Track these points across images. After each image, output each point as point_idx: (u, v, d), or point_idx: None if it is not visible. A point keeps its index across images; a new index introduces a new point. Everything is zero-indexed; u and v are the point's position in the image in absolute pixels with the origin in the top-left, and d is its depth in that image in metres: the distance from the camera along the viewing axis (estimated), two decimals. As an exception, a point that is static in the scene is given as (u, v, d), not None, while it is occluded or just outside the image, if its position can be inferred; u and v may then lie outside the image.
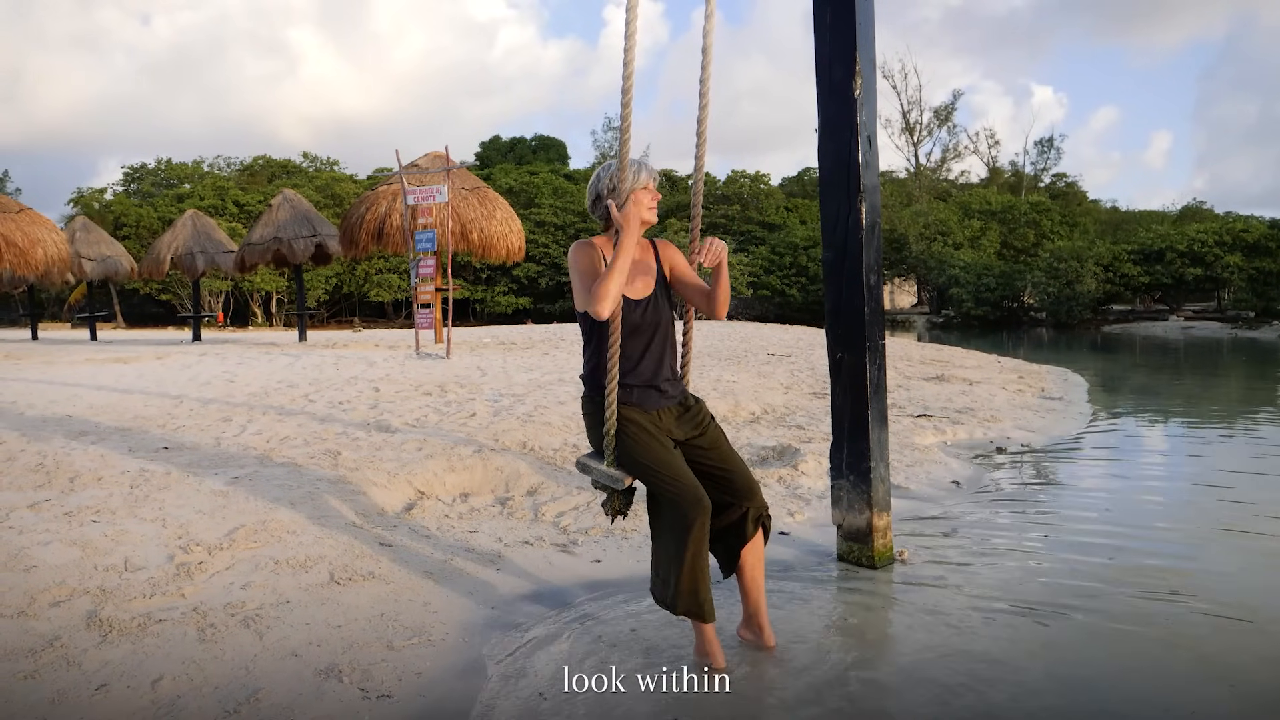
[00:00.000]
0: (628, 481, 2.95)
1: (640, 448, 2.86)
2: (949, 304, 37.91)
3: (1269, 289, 31.86)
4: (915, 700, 2.66)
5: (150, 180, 52.09)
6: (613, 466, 2.96)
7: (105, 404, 7.56)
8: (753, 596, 3.02)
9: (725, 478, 2.95)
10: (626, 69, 2.85)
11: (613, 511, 3.08)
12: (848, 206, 3.82)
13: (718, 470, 2.96)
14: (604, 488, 3.04)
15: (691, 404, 3.04)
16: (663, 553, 2.84)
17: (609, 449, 2.94)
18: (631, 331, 2.90)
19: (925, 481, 5.54)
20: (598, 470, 3.00)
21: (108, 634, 2.91)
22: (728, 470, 2.97)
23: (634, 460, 2.88)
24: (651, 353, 2.95)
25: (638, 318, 2.91)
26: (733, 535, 2.98)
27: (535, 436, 5.99)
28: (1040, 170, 57.05)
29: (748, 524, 2.95)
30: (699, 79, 3.06)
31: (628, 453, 2.89)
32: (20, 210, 17.26)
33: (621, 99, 2.86)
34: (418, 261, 13.47)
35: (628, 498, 3.06)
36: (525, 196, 46.23)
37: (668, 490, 2.78)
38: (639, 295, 2.93)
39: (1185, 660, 2.92)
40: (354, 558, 3.73)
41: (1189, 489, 5.53)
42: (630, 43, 2.85)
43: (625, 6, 2.85)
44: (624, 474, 2.94)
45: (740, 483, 2.96)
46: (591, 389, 3.00)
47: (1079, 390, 10.77)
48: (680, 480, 2.78)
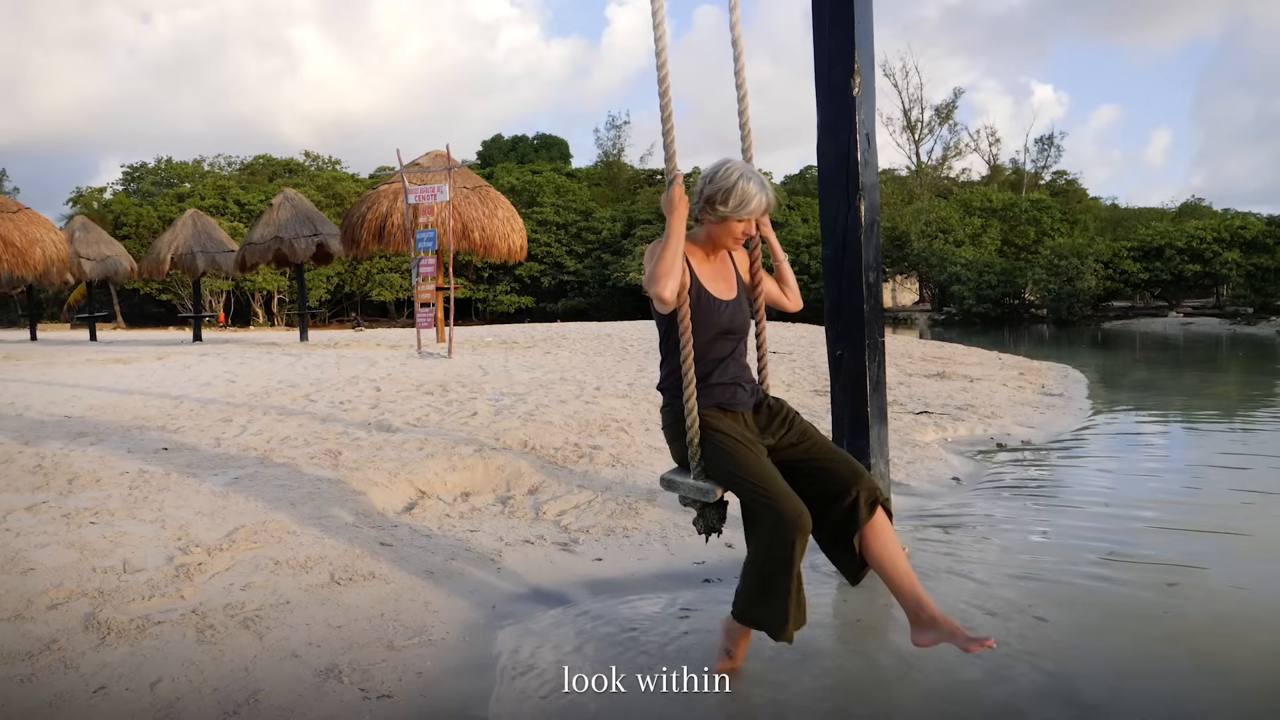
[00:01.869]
0: (719, 494, 2.74)
1: (728, 455, 2.65)
2: (950, 301, 37.92)
3: (1267, 285, 31.89)
4: (916, 698, 2.65)
5: (150, 179, 52.12)
6: (700, 479, 2.76)
7: (104, 405, 7.56)
8: (905, 586, 2.60)
9: (826, 467, 2.74)
10: (660, 57, 2.74)
11: (706, 529, 2.86)
12: (847, 205, 3.82)
13: (815, 462, 2.75)
14: (693, 503, 2.82)
15: (772, 403, 2.90)
16: (762, 569, 2.58)
17: (694, 459, 2.74)
18: (719, 334, 2.78)
19: (926, 478, 5.53)
20: (684, 484, 2.78)
21: (106, 636, 2.91)
22: (826, 459, 2.76)
23: (723, 469, 2.67)
24: (736, 356, 2.84)
25: (726, 320, 2.79)
26: (849, 527, 2.68)
27: (537, 435, 5.99)
28: (1041, 168, 56.99)
29: (861, 507, 2.65)
30: (734, 70, 2.99)
31: (715, 461, 2.69)
32: (19, 210, 17.27)
33: (659, 88, 2.74)
34: (419, 260, 13.47)
35: (720, 511, 2.84)
36: (527, 195, 46.25)
37: (762, 501, 2.55)
38: (725, 296, 2.82)
39: (1185, 654, 2.92)
40: (354, 558, 3.73)
41: (1188, 484, 5.52)
42: (660, 32, 2.74)
43: (651, 5, 2.78)
44: (714, 485, 2.72)
45: (844, 469, 2.72)
46: (671, 397, 2.83)
47: (1079, 387, 10.76)
48: (777, 493, 2.54)
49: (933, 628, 2.52)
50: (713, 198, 2.72)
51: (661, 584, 3.70)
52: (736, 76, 3.00)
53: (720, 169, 2.75)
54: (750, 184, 2.69)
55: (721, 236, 2.78)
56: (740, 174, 2.71)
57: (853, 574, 2.74)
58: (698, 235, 2.85)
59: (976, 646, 2.43)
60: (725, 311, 2.79)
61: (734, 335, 2.82)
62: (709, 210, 2.74)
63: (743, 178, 2.70)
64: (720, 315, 2.78)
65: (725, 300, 2.81)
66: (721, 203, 2.70)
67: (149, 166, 52.87)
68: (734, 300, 2.84)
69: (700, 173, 2.89)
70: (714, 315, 2.77)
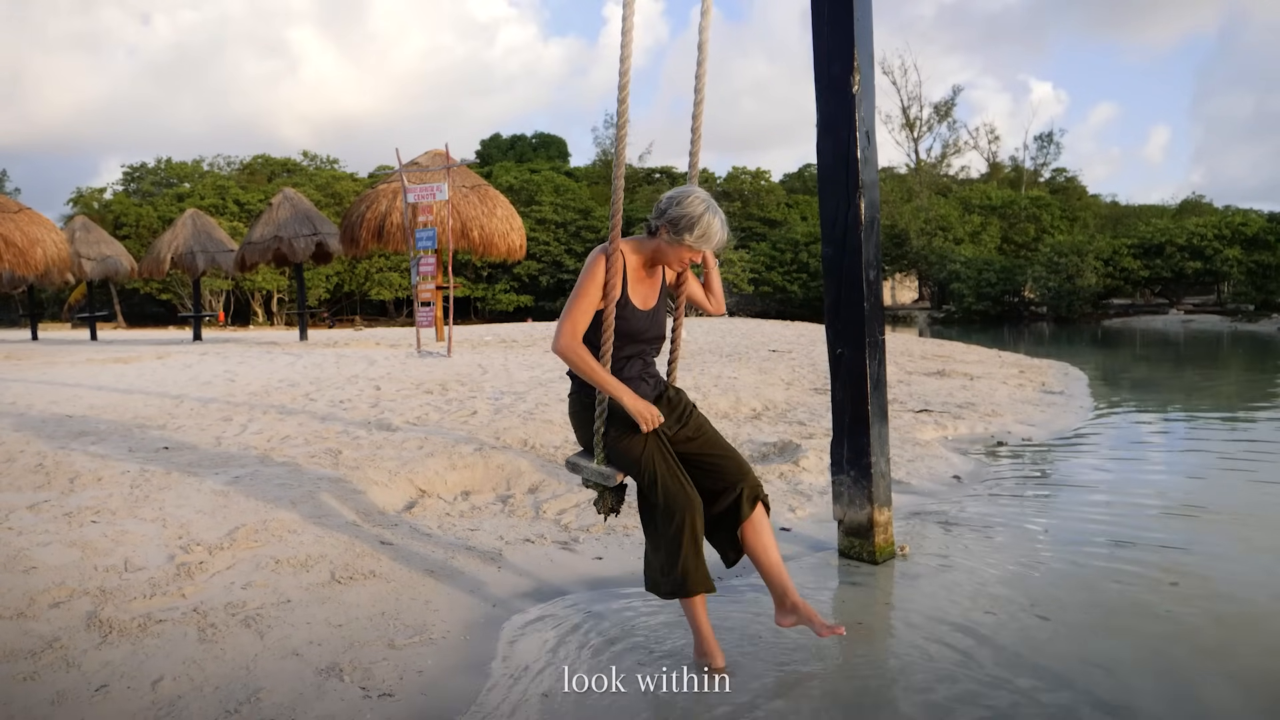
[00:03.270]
0: (619, 478, 2.96)
1: (628, 443, 2.88)
2: (950, 299, 37.91)
3: (1268, 282, 31.88)
4: (916, 696, 2.65)
5: (150, 179, 52.10)
6: (603, 464, 2.97)
7: (105, 404, 7.56)
8: (774, 575, 2.93)
9: (714, 463, 2.97)
10: (624, 64, 2.83)
11: (605, 509, 3.09)
12: (846, 202, 3.82)
13: (706, 458, 2.98)
14: (595, 485, 3.04)
15: (672, 395, 3.08)
16: (658, 549, 2.85)
17: (598, 446, 2.96)
18: (632, 338, 2.96)
19: (926, 476, 5.53)
20: (588, 469, 3.01)
21: (108, 635, 2.91)
22: (716, 455, 2.99)
23: (622, 456, 2.90)
24: (644, 355, 3.04)
25: (643, 326, 2.98)
26: (730, 519, 2.96)
27: (536, 434, 5.99)
28: (1040, 165, 57.02)
29: (743, 504, 2.93)
30: (695, 74, 3.06)
31: (616, 449, 2.91)
32: (19, 210, 17.27)
33: (619, 95, 2.85)
34: (418, 260, 13.46)
35: (619, 495, 3.08)
36: (526, 194, 46.24)
37: (656, 487, 2.80)
38: (646, 306, 2.99)
39: (1186, 652, 2.92)
40: (355, 556, 3.73)
41: (1189, 482, 5.52)
42: (627, 39, 2.83)
43: (622, 3, 2.84)
44: (614, 470, 2.95)
45: (730, 465, 2.97)
46: (580, 387, 3.02)
47: (1079, 384, 10.76)
48: (668, 477, 2.81)
49: (794, 612, 2.87)
50: (676, 222, 2.84)
51: (662, 582, 3.70)
52: (697, 81, 3.08)
53: (689, 196, 2.86)
54: (715, 219, 2.84)
55: (669, 256, 2.93)
56: (707, 207, 2.84)
57: (729, 558, 3.03)
58: (645, 245, 2.98)
59: (828, 632, 2.80)
60: (644, 320, 2.98)
61: (647, 341, 3.02)
62: (669, 230, 2.86)
63: (709, 211, 2.83)
64: (639, 323, 2.96)
65: (646, 310, 2.99)
66: (687, 230, 2.83)
67: (149, 167, 52.86)
68: (654, 309, 3.03)
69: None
70: (633, 324, 2.94)
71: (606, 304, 2.85)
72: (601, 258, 2.86)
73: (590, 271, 2.86)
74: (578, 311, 2.85)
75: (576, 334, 2.85)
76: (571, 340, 2.83)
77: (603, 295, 2.84)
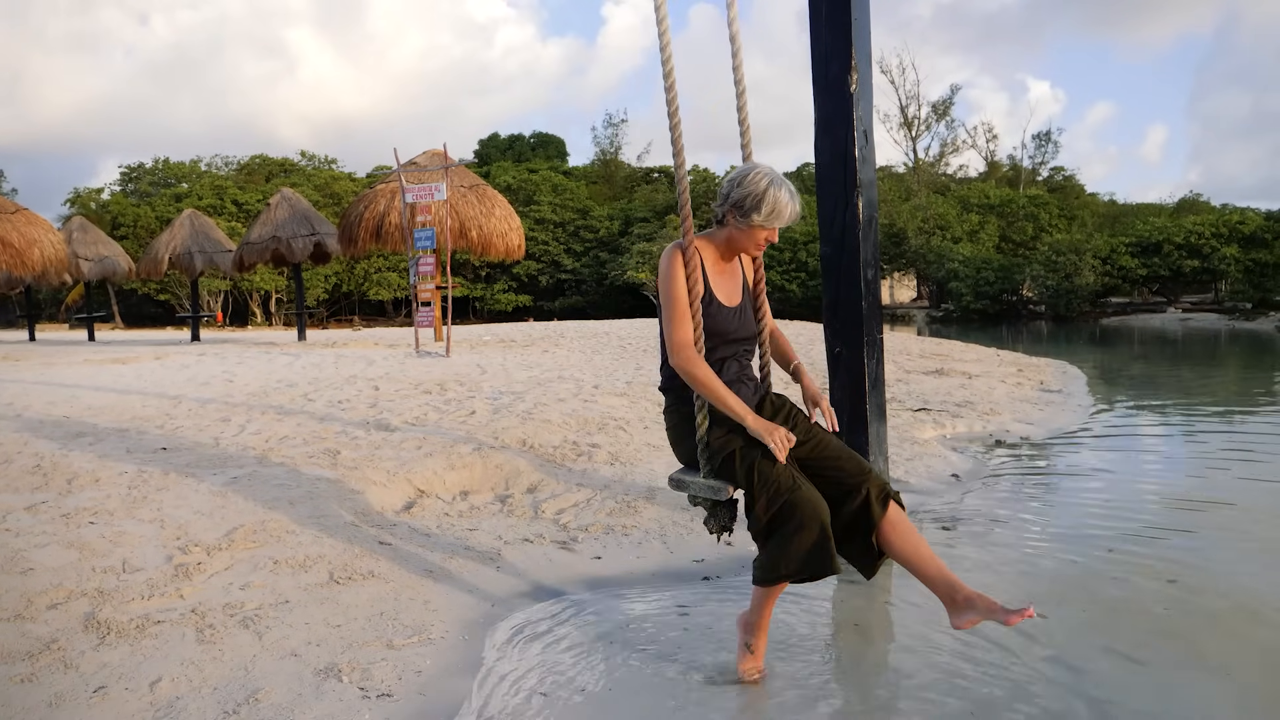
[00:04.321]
0: (730, 492, 2.69)
1: (738, 453, 2.62)
2: (948, 298, 37.91)
3: (1265, 280, 31.90)
4: (915, 695, 2.65)
5: (148, 180, 52.01)
6: (710, 477, 2.72)
7: (103, 405, 7.55)
8: (933, 574, 2.55)
9: (833, 466, 2.68)
10: (664, 53, 2.70)
11: (717, 529, 2.81)
12: (845, 201, 3.82)
13: (821, 461, 2.69)
14: (703, 501, 2.77)
15: (775, 399, 2.88)
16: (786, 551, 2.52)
17: (704, 459, 2.71)
18: (723, 338, 2.75)
19: (925, 475, 5.54)
20: (695, 484, 2.73)
21: (106, 636, 2.90)
22: (833, 457, 2.70)
23: (733, 467, 2.63)
24: (739, 358, 2.82)
25: (732, 325, 2.76)
26: (863, 525, 2.63)
27: (535, 434, 5.98)
28: (1038, 164, 57.02)
29: (873, 505, 2.60)
30: (732, 66, 2.95)
31: (724, 459, 2.65)
32: (16, 210, 17.23)
33: (664, 84, 2.72)
34: (417, 259, 13.45)
35: (731, 510, 2.79)
36: (524, 194, 46.20)
37: (777, 496, 2.51)
38: (731, 303, 2.79)
39: (1185, 651, 2.92)
40: (353, 557, 3.73)
41: (1188, 480, 5.53)
42: (663, 26, 2.71)
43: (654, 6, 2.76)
44: (724, 484, 2.68)
45: (850, 466, 2.68)
46: (678, 398, 2.79)
47: (1078, 383, 10.77)
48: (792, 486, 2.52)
49: (970, 608, 2.47)
50: (741, 203, 2.65)
51: (660, 582, 3.70)
52: (735, 73, 2.95)
53: (749, 174, 2.67)
54: (782, 192, 2.64)
55: (743, 242, 2.73)
56: (770, 181, 2.64)
57: (868, 569, 2.70)
58: (716, 236, 2.80)
59: (1017, 618, 2.36)
60: (732, 318, 2.76)
61: (741, 341, 2.80)
62: (735, 214, 2.68)
63: (773, 185, 2.64)
64: (729, 322, 2.75)
65: (732, 307, 2.78)
66: (754, 210, 2.64)
67: (146, 167, 52.76)
68: (740, 306, 2.81)
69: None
70: (723, 323, 2.74)
71: (691, 302, 2.64)
72: (678, 254, 2.65)
73: (671, 273, 2.64)
74: (679, 314, 2.62)
75: (689, 344, 2.62)
76: (689, 353, 2.60)
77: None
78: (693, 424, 2.72)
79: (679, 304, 2.63)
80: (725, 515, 2.79)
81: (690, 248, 2.66)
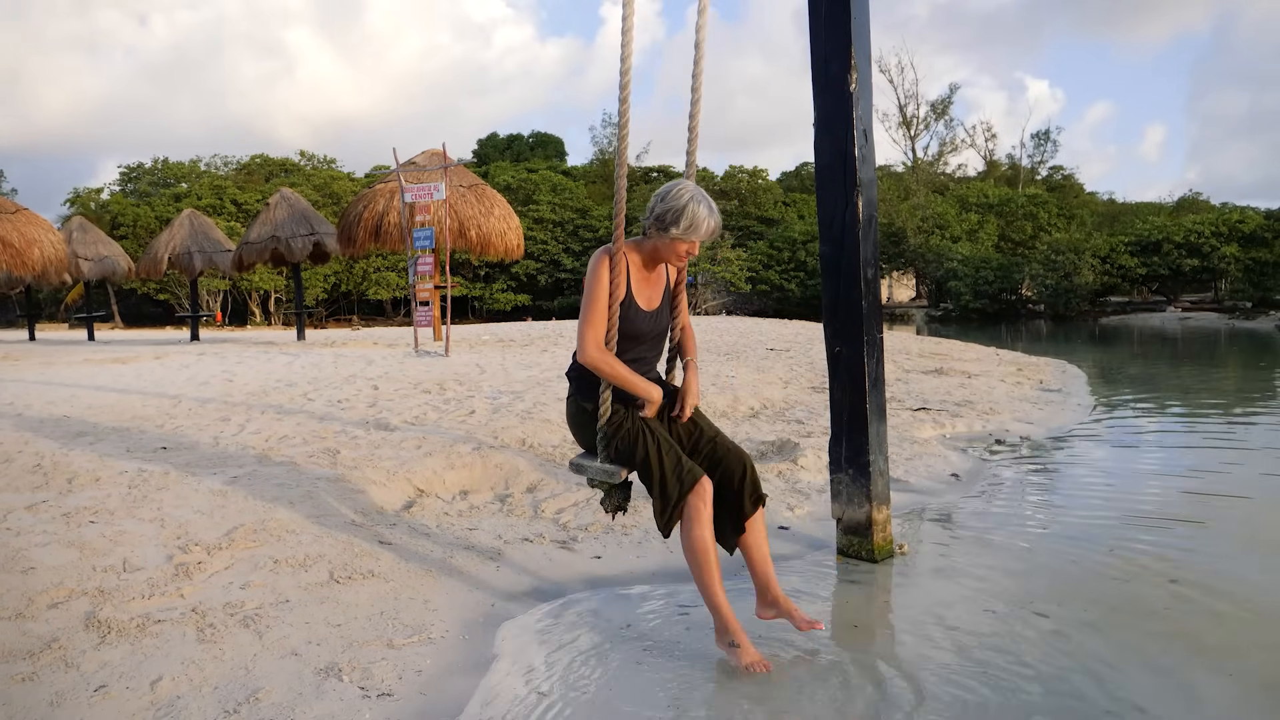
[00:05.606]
0: (623, 475, 2.97)
1: (632, 440, 2.90)
2: (947, 297, 37.93)
3: (1265, 279, 31.93)
4: (915, 695, 2.66)
5: (147, 180, 51.97)
6: (607, 462, 2.98)
7: (103, 404, 7.55)
8: (762, 571, 2.99)
9: (718, 459, 3.01)
10: (624, 64, 2.84)
11: (612, 508, 3.11)
12: (844, 201, 3.82)
13: (708, 456, 3.02)
14: (600, 484, 3.06)
15: (672, 390, 3.13)
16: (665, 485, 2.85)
17: (602, 446, 2.97)
18: (637, 338, 3.00)
19: (924, 474, 5.54)
20: (592, 468, 3.02)
21: (106, 635, 2.91)
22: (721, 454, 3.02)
23: (624, 452, 2.92)
24: (644, 354, 3.07)
25: (647, 326, 3.02)
26: (735, 513, 3.00)
27: (534, 433, 5.99)
28: (1037, 163, 57.10)
29: (745, 502, 2.97)
30: (691, 74, 3.07)
31: (617, 445, 2.93)
32: (16, 211, 17.23)
33: (620, 94, 2.85)
34: (416, 259, 13.45)
35: (625, 492, 3.09)
36: (523, 193, 46.19)
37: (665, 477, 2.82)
38: (650, 307, 3.03)
39: (1185, 650, 2.92)
40: (353, 556, 3.73)
41: (1188, 479, 5.52)
42: (627, 38, 2.84)
43: (621, 4, 2.85)
44: (618, 468, 2.96)
45: (733, 462, 3.00)
46: (579, 390, 3.05)
47: (1077, 382, 10.77)
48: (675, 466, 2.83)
49: (774, 605, 2.95)
50: (663, 217, 2.87)
51: (660, 581, 3.71)
52: (694, 80, 3.09)
53: (673, 189, 2.89)
54: (701, 207, 2.85)
55: (665, 253, 2.95)
56: (691, 197, 2.85)
57: (730, 545, 3.05)
58: (644, 246, 3.00)
59: (807, 626, 2.87)
60: (648, 320, 3.02)
61: (650, 340, 3.06)
62: (657, 227, 2.89)
63: (693, 200, 2.84)
64: (643, 324, 3.00)
65: (649, 311, 3.02)
66: (674, 223, 2.85)
67: (146, 167, 52.72)
68: (657, 309, 3.06)
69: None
70: (638, 324, 2.98)
71: (610, 304, 2.87)
72: (605, 259, 2.88)
73: (596, 276, 2.87)
74: (595, 316, 2.86)
75: (600, 341, 2.87)
76: (598, 349, 2.86)
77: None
78: (590, 416, 3.00)
79: (597, 306, 2.87)
80: (620, 496, 3.09)
81: (618, 254, 2.89)
